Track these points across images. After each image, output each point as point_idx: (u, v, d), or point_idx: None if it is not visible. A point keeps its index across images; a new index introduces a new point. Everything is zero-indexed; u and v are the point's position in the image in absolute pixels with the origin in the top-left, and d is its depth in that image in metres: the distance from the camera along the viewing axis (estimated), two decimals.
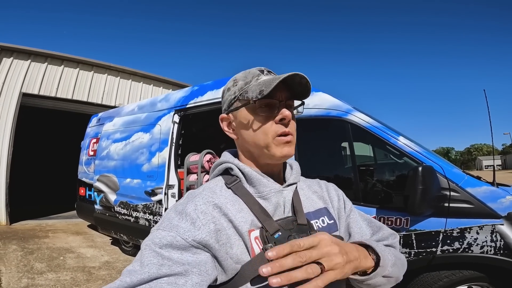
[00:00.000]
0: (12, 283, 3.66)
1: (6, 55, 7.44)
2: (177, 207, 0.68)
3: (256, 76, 0.74)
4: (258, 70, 0.76)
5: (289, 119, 0.72)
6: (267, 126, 0.72)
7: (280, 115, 0.71)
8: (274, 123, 0.72)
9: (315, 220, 0.77)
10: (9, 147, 7.32)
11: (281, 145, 0.72)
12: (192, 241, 0.60)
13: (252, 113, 0.73)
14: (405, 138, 2.61)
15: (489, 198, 2.24)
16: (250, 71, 0.77)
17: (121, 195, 4.64)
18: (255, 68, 0.77)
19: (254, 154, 0.76)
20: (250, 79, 0.74)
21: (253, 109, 0.73)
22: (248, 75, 0.76)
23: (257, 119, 0.73)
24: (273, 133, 0.71)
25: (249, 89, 0.73)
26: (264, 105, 0.72)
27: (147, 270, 0.55)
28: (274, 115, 0.72)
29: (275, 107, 0.72)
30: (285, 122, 0.72)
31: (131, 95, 9.51)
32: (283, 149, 0.72)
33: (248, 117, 0.74)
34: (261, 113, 0.72)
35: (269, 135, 0.72)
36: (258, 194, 0.73)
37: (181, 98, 4.14)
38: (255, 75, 0.75)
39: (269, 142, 0.72)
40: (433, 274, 2.33)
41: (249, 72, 0.77)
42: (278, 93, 0.72)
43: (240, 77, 0.77)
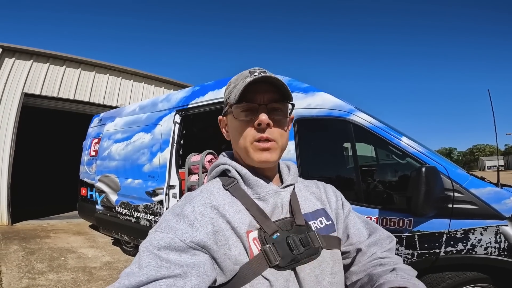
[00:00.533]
0: (13, 283, 3.66)
1: (8, 55, 7.46)
2: (174, 209, 0.68)
3: (244, 78, 0.73)
4: (249, 71, 0.75)
5: (265, 123, 0.70)
6: (246, 131, 0.72)
7: (257, 120, 0.70)
8: (253, 128, 0.71)
9: (313, 221, 0.76)
10: (11, 147, 7.33)
11: (257, 151, 0.71)
12: (190, 243, 0.60)
13: (233, 118, 0.74)
14: (408, 139, 2.59)
15: (493, 199, 2.22)
16: (243, 73, 0.76)
17: (122, 196, 4.64)
18: (248, 70, 0.76)
19: (242, 157, 0.76)
20: (238, 82, 0.74)
21: (234, 113, 0.73)
22: (239, 77, 0.76)
23: (236, 124, 0.73)
24: (251, 138, 0.71)
25: (231, 93, 0.74)
26: (242, 110, 0.72)
27: (146, 272, 0.55)
28: (252, 119, 0.71)
29: (255, 111, 0.71)
30: (262, 128, 0.70)
31: (133, 95, 9.52)
32: (261, 155, 0.71)
33: (231, 121, 0.76)
34: (240, 117, 0.72)
35: (246, 139, 0.72)
36: (256, 196, 0.73)
37: (182, 98, 4.13)
38: (244, 77, 0.74)
39: (247, 147, 0.72)
40: (436, 275, 2.31)
41: (241, 74, 0.76)
42: (259, 96, 0.71)
43: (233, 79, 0.77)
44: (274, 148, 0.72)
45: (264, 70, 0.75)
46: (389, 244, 0.85)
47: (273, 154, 0.72)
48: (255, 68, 0.75)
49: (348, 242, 0.83)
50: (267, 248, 0.64)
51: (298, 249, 0.67)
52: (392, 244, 0.86)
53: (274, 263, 0.63)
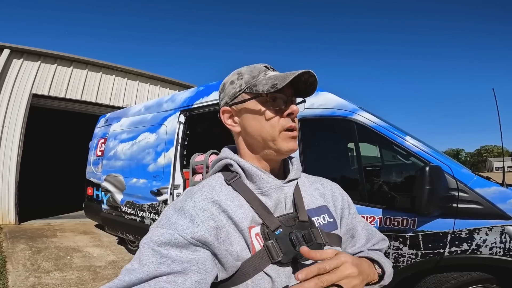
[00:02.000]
0: (18, 281, 3.70)
1: (16, 56, 7.55)
2: (176, 204, 0.67)
3: (263, 71, 0.75)
4: (263, 66, 0.77)
5: (297, 113, 0.74)
6: (275, 120, 0.72)
7: (290, 110, 0.72)
8: (282, 117, 0.73)
9: (316, 217, 0.76)
10: (19, 147, 7.41)
11: (287, 139, 0.72)
12: (191, 239, 0.59)
13: (262, 106, 0.73)
14: (412, 138, 2.57)
15: (499, 199, 2.20)
16: (256, 66, 0.77)
17: (128, 195, 4.67)
18: (260, 64, 0.78)
19: (258, 148, 0.75)
20: (257, 74, 0.75)
21: (262, 102, 0.73)
22: (254, 69, 0.76)
23: (266, 112, 0.73)
24: (280, 127, 0.72)
25: (259, 83, 0.72)
26: (273, 99, 0.72)
27: (146, 269, 0.55)
28: (282, 109, 0.73)
29: (283, 102, 0.73)
30: (293, 117, 0.74)
31: (139, 96, 9.57)
32: (289, 143, 0.72)
33: (257, 110, 0.74)
34: (271, 106, 0.72)
35: (276, 128, 0.72)
36: (259, 190, 0.72)
37: (186, 98, 4.15)
38: (262, 70, 0.75)
39: (276, 136, 0.72)
40: (441, 275, 2.29)
41: (254, 67, 0.77)
42: (286, 88, 0.73)
43: (246, 71, 0.77)
44: (297, 137, 0.75)
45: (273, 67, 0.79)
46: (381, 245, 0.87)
47: (296, 143, 0.75)
48: (264, 63, 0.78)
49: (351, 243, 0.84)
50: (270, 244, 0.64)
51: (300, 245, 0.65)
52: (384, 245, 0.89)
53: (276, 259, 0.63)
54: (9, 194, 7.24)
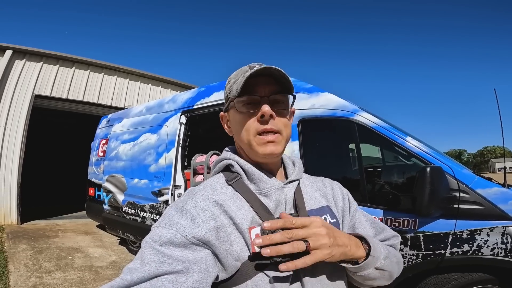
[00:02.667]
0: (20, 282, 3.71)
1: (18, 57, 7.58)
2: (177, 204, 0.68)
3: (243, 73, 0.73)
4: (248, 66, 0.75)
5: (268, 115, 0.70)
6: (249, 124, 0.71)
7: (260, 112, 0.70)
8: (256, 120, 0.71)
9: None
10: (21, 148, 7.44)
11: (261, 144, 0.71)
12: (192, 238, 0.60)
13: (235, 111, 0.74)
14: (413, 139, 2.56)
15: (500, 200, 2.19)
16: (242, 68, 0.76)
17: (129, 196, 4.68)
18: (248, 65, 0.76)
19: (246, 151, 0.76)
20: (238, 77, 0.74)
21: (236, 107, 0.73)
22: (239, 72, 0.76)
23: (239, 117, 0.73)
24: (254, 130, 0.71)
25: (232, 88, 0.73)
26: (244, 103, 0.72)
27: (147, 268, 0.55)
28: (255, 112, 0.71)
29: (257, 103, 0.71)
30: (265, 119, 0.70)
31: (140, 97, 9.59)
32: (265, 148, 0.71)
33: (234, 116, 0.75)
34: (242, 110, 0.72)
35: (250, 132, 0.71)
36: (259, 191, 0.72)
37: (188, 99, 4.16)
38: (244, 71, 0.74)
39: (251, 140, 0.72)
40: (442, 276, 2.28)
41: (240, 70, 0.76)
42: (260, 88, 0.71)
43: (233, 75, 0.77)
44: (278, 140, 0.72)
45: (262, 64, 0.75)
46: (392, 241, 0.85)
47: (277, 146, 0.72)
48: (253, 63, 0.76)
49: None
50: None
51: None
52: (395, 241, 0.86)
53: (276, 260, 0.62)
54: (11, 195, 7.26)
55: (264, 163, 0.76)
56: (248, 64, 0.78)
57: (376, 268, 0.69)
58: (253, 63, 0.76)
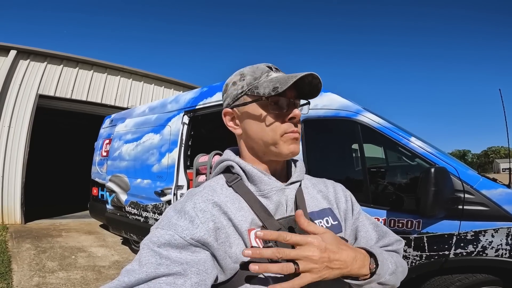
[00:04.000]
0: (23, 281, 3.72)
1: (23, 57, 7.61)
2: (176, 205, 0.67)
3: (266, 72, 0.73)
4: (266, 66, 0.75)
5: (299, 118, 0.72)
6: (277, 124, 0.71)
7: (292, 114, 0.71)
8: (284, 121, 0.71)
9: (319, 220, 0.75)
10: (25, 148, 7.47)
11: (288, 142, 0.71)
12: (191, 240, 0.59)
13: (262, 109, 0.72)
14: (417, 139, 2.55)
15: (505, 201, 2.17)
16: (259, 66, 0.76)
17: (132, 195, 4.69)
18: (263, 64, 0.76)
19: (259, 150, 0.75)
20: (259, 75, 0.73)
21: (263, 105, 0.71)
22: (257, 70, 0.74)
23: (267, 116, 0.72)
24: (282, 131, 0.71)
25: (260, 85, 0.71)
26: (275, 103, 0.71)
27: (145, 270, 0.55)
28: (284, 113, 0.71)
29: (286, 105, 0.71)
30: (295, 121, 0.72)
31: (143, 97, 9.61)
32: (290, 146, 0.71)
33: (258, 113, 0.73)
34: (272, 110, 0.71)
35: (277, 132, 0.71)
36: (259, 193, 0.71)
37: (190, 99, 4.16)
38: (264, 71, 0.74)
39: (277, 139, 0.71)
40: (445, 277, 2.27)
41: (257, 68, 0.75)
42: (288, 91, 0.71)
43: (248, 71, 0.75)
44: (299, 140, 0.74)
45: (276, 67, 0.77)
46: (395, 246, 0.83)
47: (298, 145, 0.73)
48: (267, 63, 0.76)
49: (355, 244, 0.81)
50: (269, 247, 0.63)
51: None
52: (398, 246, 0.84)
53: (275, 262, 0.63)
54: (15, 194, 7.29)
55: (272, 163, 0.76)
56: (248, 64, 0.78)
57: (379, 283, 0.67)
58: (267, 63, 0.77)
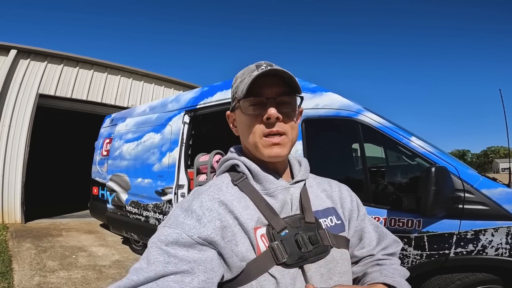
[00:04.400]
0: (24, 281, 3.73)
1: (23, 57, 7.61)
2: (183, 204, 0.68)
3: (250, 72, 0.72)
4: (255, 65, 0.73)
5: (274, 117, 0.69)
6: (255, 126, 0.71)
7: (266, 114, 0.69)
8: (262, 122, 0.70)
9: (323, 219, 0.75)
10: (26, 147, 7.47)
11: (267, 146, 0.70)
12: (198, 238, 0.60)
13: (241, 112, 0.73)
14: (417, 139, 2.55)
15: (505, 200, 2.18)
16: (249, 67, 0.75)
17: (133, 195, 4.70)
18: (254, 63, 0.75)
19: (252, 151, 0.75)
20: (245, 77, 0.73)
21: (242, 108, 0.72)
22: (245, 72, 0.74)
23: (244, 118, 0.73)
24: (260, 132, 0.70)
25: (239, 88, 0.72)
26: (250, 104, 0.71)
27: (154, 268, 0.55)
28: (261, 113, 0.70)
29: (263, 105, 0.70)
30: (271, 122, 0.69)
31: (144, 96, 9.61)
32: (271, 150, 0.70)
33: (240, 116, 0.75)
34: (248, 112, 0.71)
35: (256, 134, 0.71)
36: (265, 191, 0.72)
37: (191, 99, 4.17)
38: (250, 71, 0.72)
39: (257, 142, 0.71)
40: (446, 276, 2.28)
41: (246, 69, 0.75)
42: (266, 89, 0.70)
43: (240, 74, 0.76)
44: (284, 142, 0.71)
45: (271, 63, 0.74)
46: (394, 248, 0.84)
47: (283, 149, 0.71)
48: (261, 62, 0.74)
49: (359, 246, 0.82)
50: (275, 245, 0.64)
51: (306, 247, 0.66)
52: (397, 248, 0.85)
53: (281, 260, 0.63)
54: (15, 194, 7.29)
55: (270, 163, 0.75)
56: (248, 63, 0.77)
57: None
58: (261, 61, 0.75)
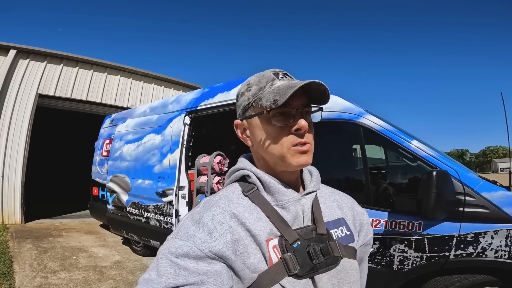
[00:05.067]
0: (25, 282, 3.73)
1: (22, 57, 7.60)
2: (194, 215, 0.67)
3: (271, 81, 0.71)
4: (272, 73, 0.72)
5: (306, 129, 0.68)
6: (283, 137, 0.69)
7: (297, 126, 0.68)
8: (290, 133, 0.69)
9: (334, 230, 0.75)
10: (25, 148, 7.47)
11: (297, 155, 0.69)
12: (209, 252, 0.60)
13: (266, 123, 0.70)
14: (418, 142, 2.57)
15: (505, 203, 2.20)
16: (265, 74, 0.73)
17: (133, 196, 4.70)
18: (270, 71, 0.73)
19: (270, 161, 0.73)
20: (264, 85, 0.71)
21: (267, 118, 0.69)
22: (262, 79, 0.72)
23: (271, 129, 0.70)
24: (288, 144, 0.68)
25: (263, 97, 0.69)
26: (278, 115, 0.68)
27: (164, 280, 0.56)
28: (289, 124, 0.68)
29: (291, 116, 0.68)
30: (301, 133, 0.68)
31: (143, 96, 9.62)
32: (299, 158, 0.69)
33: (263, 126, 0.71)
34: (276, 123, 0.68)
35: (284, 145, 0.69)
36: (276, 203, 0.71)
37: (192, 100, 4.18)
38: (269, 79, 0.71)
39: (285, 153, 0.69)
40: (445, 278, 2.30)
41: (263, 76, 0.73)
42: (294, 100, 0.68)
43: (254, 81, 0.73)
44: (310, 150, 0.70)
45: (285, 72, 0.73)
46: None
47: (310, 157, 0.70)
48: (275, 69, 0.73)
49: None
50: (287, 257, 0.64)
51: (318, 258, 0.66)
52: None
53: (293, 271, 0.63)
54: (15, 194, 7.29)
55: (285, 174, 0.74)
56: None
57: None
58: (275, 69, 0.74)
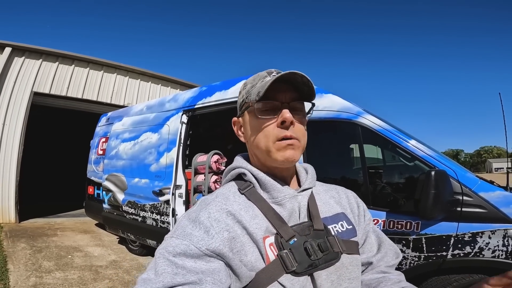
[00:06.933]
0: (20, 281, 3.70)
1: (18, 55, 7.53)
2: (190, 214, 0.67)
3: (262, 78, 0.73)
4: (266, 72, 0.74)
5: (290, 121, 0.69)
6: (268, 130, 0.70)
7: (280, 118, 0.69)
8: (276, 126, 0.70)
9: (333, 225, 0.75)
10: (20, 146, 7.41)
11: (282, 149, 0.69)
12: (206, 250, 0.60)
13: (253, 117, 0.73)
14: (417, 142, 2.57)
15: (502, 203, 2.21)
16: (259, 74, 0.75)
17: (129, 195, 4.67)
18: (265, 70, 0.75)
19: (261, 158, 0.74)
20: (256, 82, 0.73)
21: (254, 112, 0.72)
22: (256, 78, 0.75)
23: (257, 122, 0.72)
24: (273, 137, 0.69)
25: (252, 92, 0.72)
26: (264, 108, 0.70)
27: (162, 279, 0.55)
28: (275, 118, 0.70)
29: (277, 109, 0.70)
30: (286, 125, 0.69)
31: (140, 95, 9.57)
32: (284, 152, 0.69)
33: (251, 121, 0.74)
34: (261, 116, 0.71)
35: (269, 139, 0.70)
36: (272, 200, 0.71)
37: (189, 98, 4.15)
38: (262, 77, 0.73)
39: (270, 146, 0.70)
40: (443, 278, 2.30)
41: (257, 75, 0.75)
42: (280, 94, 0.70)
43: (249, 80, 0.77)
44: (297, 146, 0.70)
45: (279, 71, 0.74)
46: (394, 260, 0.84)
47: (296, 152, 0.70)
48: (271, 69, 0.75)
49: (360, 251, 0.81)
50: (284, 254, 0.63)
51: (316, 255, 0.65)
52: (397, 260, 0.85)
53: (290, 268, 0.62)
54: (10, 193, 7.23)
55: (278, 170, 0.75)
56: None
57: None
58: (270, 69, 0.75)
